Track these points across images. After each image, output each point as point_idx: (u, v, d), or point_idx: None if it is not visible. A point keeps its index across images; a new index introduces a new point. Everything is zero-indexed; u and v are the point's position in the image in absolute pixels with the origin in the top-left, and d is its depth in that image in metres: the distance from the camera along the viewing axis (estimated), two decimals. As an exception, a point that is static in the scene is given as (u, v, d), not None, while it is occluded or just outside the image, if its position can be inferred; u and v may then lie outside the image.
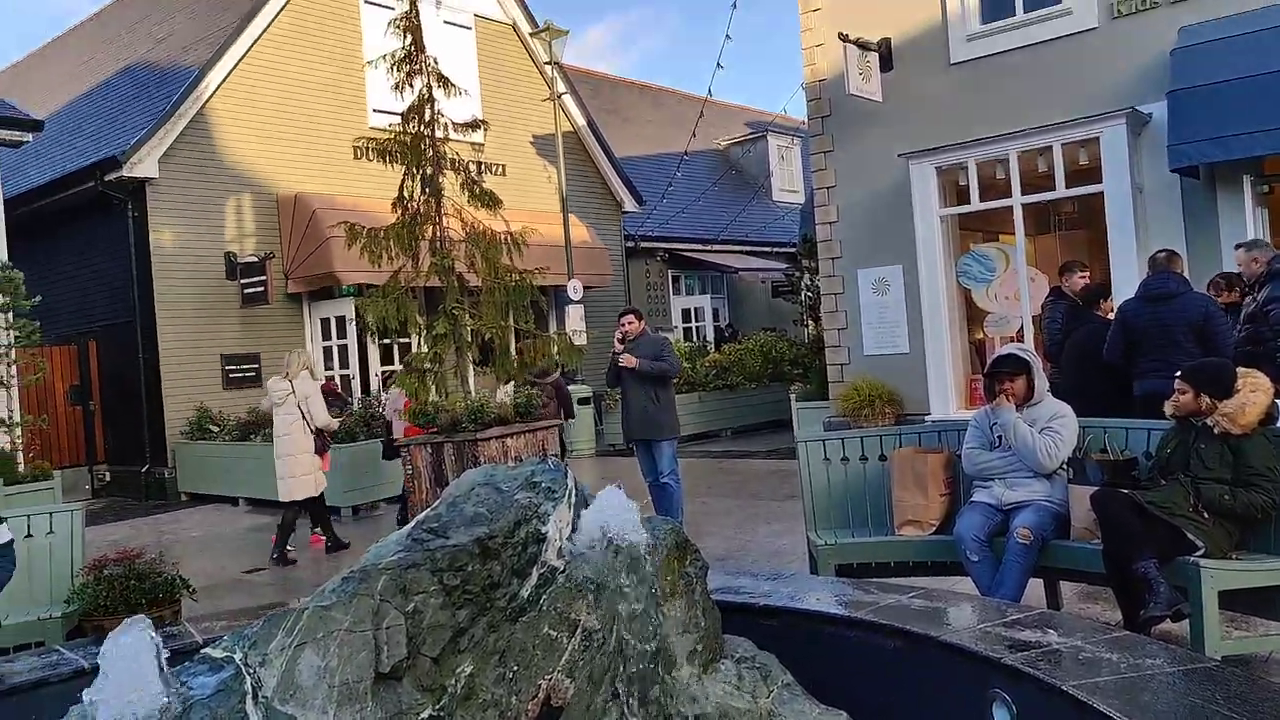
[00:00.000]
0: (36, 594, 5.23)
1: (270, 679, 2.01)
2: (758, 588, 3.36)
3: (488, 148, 13.51)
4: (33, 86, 19.38)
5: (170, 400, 12.94)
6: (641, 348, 7.80)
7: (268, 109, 14.02)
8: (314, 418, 8.57)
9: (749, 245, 21.50)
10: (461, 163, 8.69)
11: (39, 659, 2.97)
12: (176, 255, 13.10)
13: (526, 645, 2.37)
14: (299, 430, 8.53)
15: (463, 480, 2.70)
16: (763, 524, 8.27)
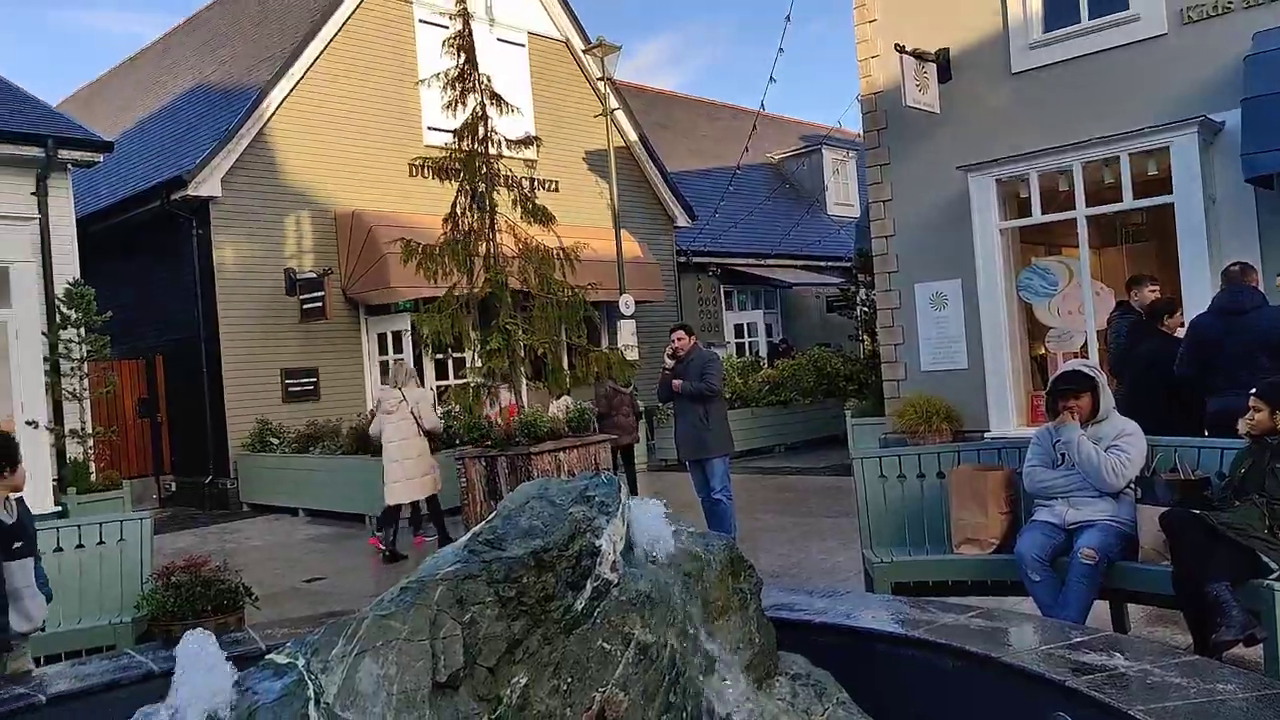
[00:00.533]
0: (108, 599, 5.38)
1: (331, 685, 2.04)
2: (812, 605, 3.33)
3: (540, 163, 13.63)
4: (104, 108, 20.07)
5: (232, 413, 13.24)
6: (691, 364, 7.80)
7: (326, 128, 14.34)
8: (425, 421, 8.96)
9: (803, 260, 21.37)
10: (514, 179, 8.81)
11: (111, 662, 3.06)
12: (238, 272, 13.43)
13: (580, 658, 2.38)
14: (414, 434, 8.90)
15: (518, 493, 2.72)
16: (816, 541, 8.18)
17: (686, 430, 7.81)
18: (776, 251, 20.47)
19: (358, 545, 9.95)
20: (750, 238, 20.51)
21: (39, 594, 3.93)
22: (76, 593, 5.32)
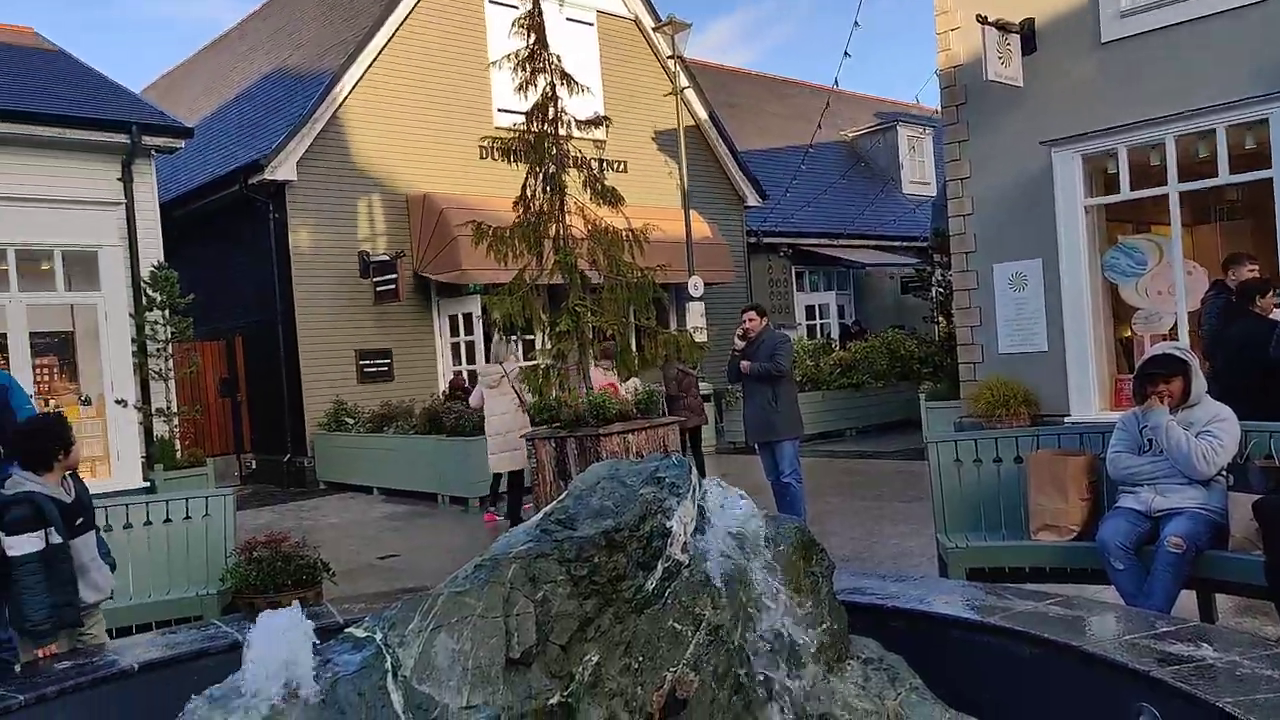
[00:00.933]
0: (194, 572, 5.57)
1: (408, 659, 2.09)
2: (885, 589, 3.29)
3: (609, 144, 13.62)
4: (184, 94, 20.65)
5: (309, 393, 13.58)
6: (761, 346, 7.74)
7: (397, 111, 14.54)
8: (525, 396, 9.23)
9: (877, 239, 21.01)
10: (584, 160, 8.80)
11: (199, 632, 3.17)
12: (313, 255, 13.73)
13: (651, 637, 2.38)
14: (514, 408, 9.30)
15: (589, 474, 2.73)
16: (888, 525, 8.08)
17: (755, 412, 7.75)
18: (849, 231, 20.17)
19: (430, 522, 10.15)
20: (822, 217, 20.22)
21: (104, 564, 4.04)
22: (165, 565, 5.52)
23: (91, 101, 11.28)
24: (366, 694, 2.03)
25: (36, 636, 3.62)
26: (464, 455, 10.70)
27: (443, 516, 10.59)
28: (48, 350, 10.99)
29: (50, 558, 3.67)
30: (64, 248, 10.37)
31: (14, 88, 10.93)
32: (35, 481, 3.75)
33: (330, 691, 2.03)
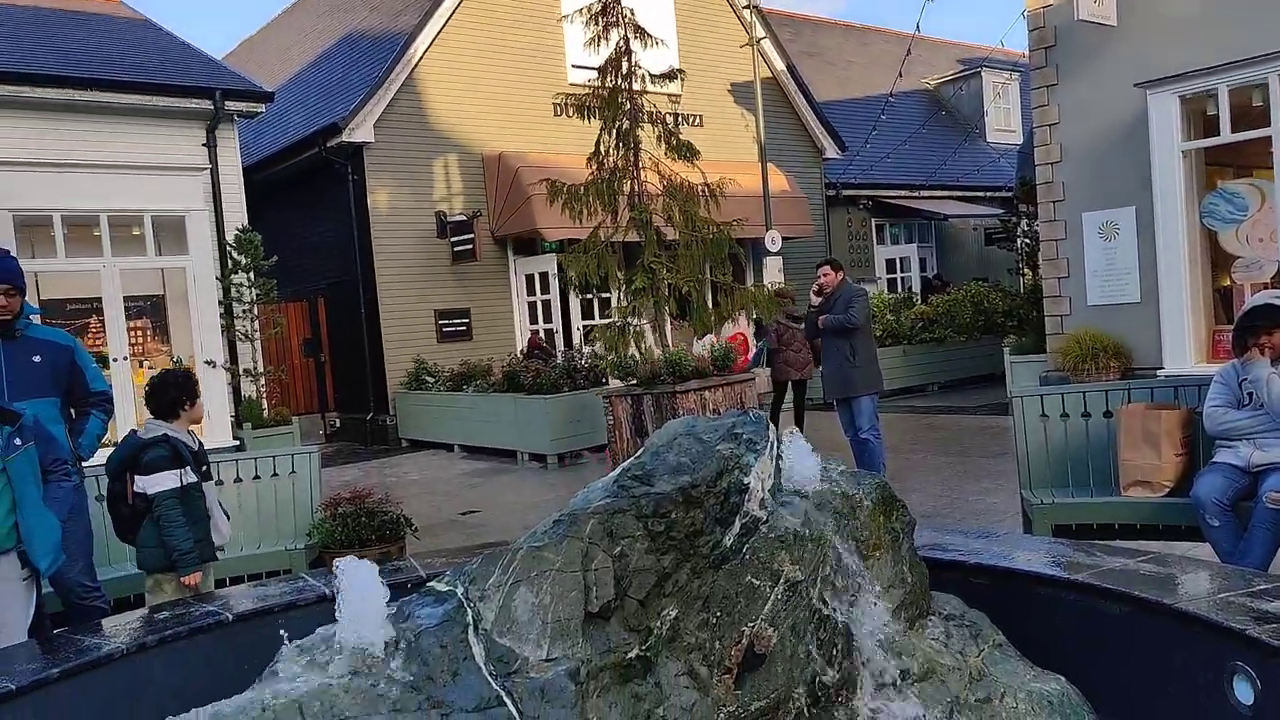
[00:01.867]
0: (283, 527, 5.77)
1: (489, 613, 2.12)
2: (967, 545, 3.22)
3: (684, 97, 13.45)
4: (264, 60, 21.01)
5: (390, 353, 13.86)
6: (837, 301, 7.62)
7: (471, 70, 14.56)
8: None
9: (960, 190, 20.41)
10: (659, 115, 8.71)
11: (288, 584, 3.28)
12: (392, 216, 13.93)
13: (729, 593, 2.38)
14: None
15: (665, 430, 2.72)
16: (971, 481, 7.92)
17: (833, 368, 7.65)
18: (931, 182, 19.62)
19: (510, 479, 10.32)
20: (903, 168, 19.71)
21: (222, 513, 4.32)
22: (255, 520, 5.73)
23: (176, 69, 11.55)
24: (449, 646, 2.07)
25: (185, 564, 3.98)
26: (542, 413, 10.82)
27: (522, 473, 10.76)
28: (140, 313, 11.42)
29: (186, 495, 4.03)
30: (153, 213, 10.70)
31: (102, 57, 11.26)
32: (167, 427, 4.10)
33: (414, 644, 2.07)
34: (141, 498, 4.00)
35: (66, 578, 4.32)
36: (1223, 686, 2.28)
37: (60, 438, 4.33)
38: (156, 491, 3.97)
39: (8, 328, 4.33)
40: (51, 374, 4.46)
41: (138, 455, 4.02)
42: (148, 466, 3.99)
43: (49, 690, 2.49)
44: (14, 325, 4.36)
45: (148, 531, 4.04)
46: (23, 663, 2.63)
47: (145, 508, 4.01)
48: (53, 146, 10.12)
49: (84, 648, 2.70)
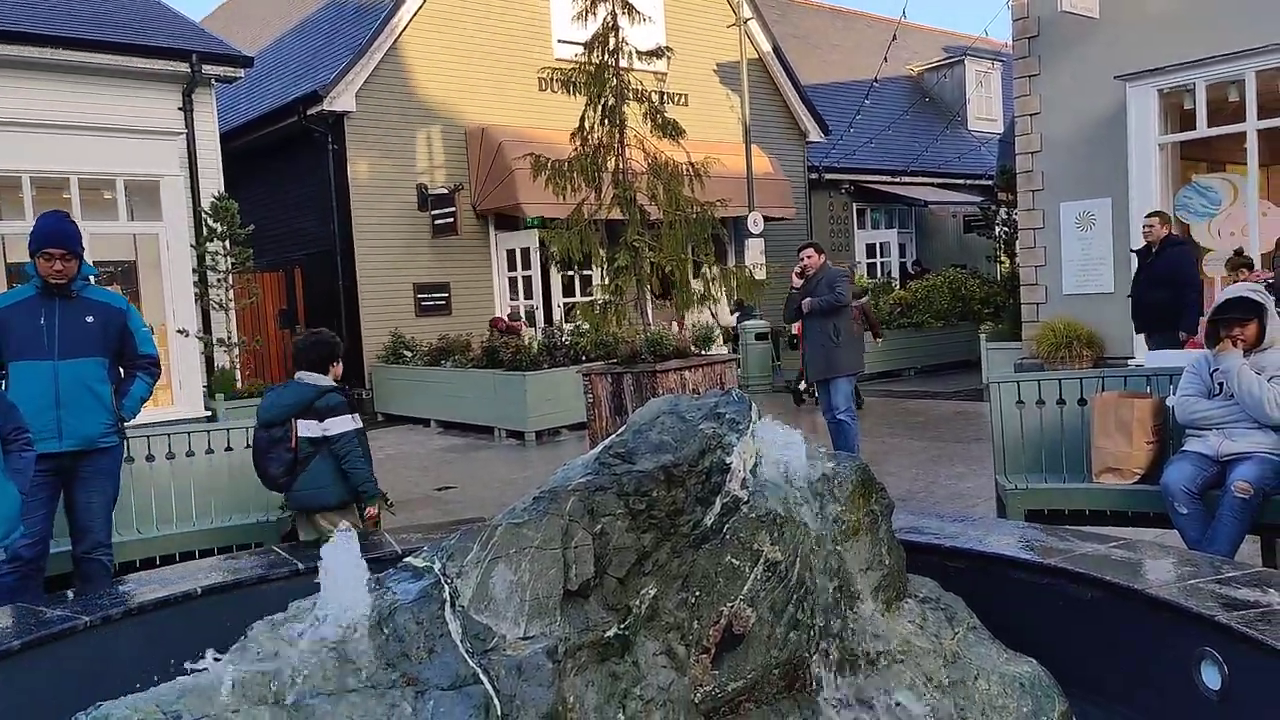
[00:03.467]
0: (254, 499, 5.70)
1: (466, 589, 2.10)
2: (943, 529, 3.25)
3: (670, 76, 13.36)
4: (244, 25, 20.65)
5: (367, 325, 13.75)
6: (819, 283, 7.62)
7: (456, 42, 14.39)
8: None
9: (940, 177, 20.48)
10: (644, 92, 8.63)
11: (260, 558, 3.25)
12: (372, 187, 13.78)
13: (709, 572, 2.38)
14: None
15: (648, 408, 2.71)
16: (946, 466, 7.99)
17: (816, 349, 7.68)
18: (912, 168, 19.68)
19: (487, 455, 10.29)
20: (885, 154, 19.74)
21: None
22: (227, 492, 5.66)
23: (152, 29, 11.33)
24: (425, 623, 2.05)
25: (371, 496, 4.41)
26: (520, 389, 10.79)
27: (499, 449, 10.74)
28: (111, 280, 11.22)
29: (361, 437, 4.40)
30: (126, 177, 10.51)
31: (75, 14, 11.02)
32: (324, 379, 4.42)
33: (389, 619, 2.05)
34: (309, 441, 4.27)
35: (91, 537, 4.45)
36: (1190, 671, 2.32)
37: (105, 398, 4.46)
38: (340, 432, 4.27)
39: (64, 289, 4.40)
40: (102, 335, 4.53)
41: (312, 402, 4.28)
42: (330, 410, 4.29)
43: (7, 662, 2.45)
44: (69, 287, 4.43)
45: (319, 472, 4.29)
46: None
47: (312, 451, 4.28)
48: (22, 106, 9.90)
49: (45, 620, 2.65)
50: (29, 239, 4.43)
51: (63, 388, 4.32)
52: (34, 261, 4.37)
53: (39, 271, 4.36)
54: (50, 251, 4.35)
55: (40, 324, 4.33)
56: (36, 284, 4.36)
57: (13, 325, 4.26)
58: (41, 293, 4.35)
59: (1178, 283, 7.76)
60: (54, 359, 4.32)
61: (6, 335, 4.24)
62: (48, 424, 4.28)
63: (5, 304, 4.31)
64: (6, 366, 4.28)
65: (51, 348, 4.35)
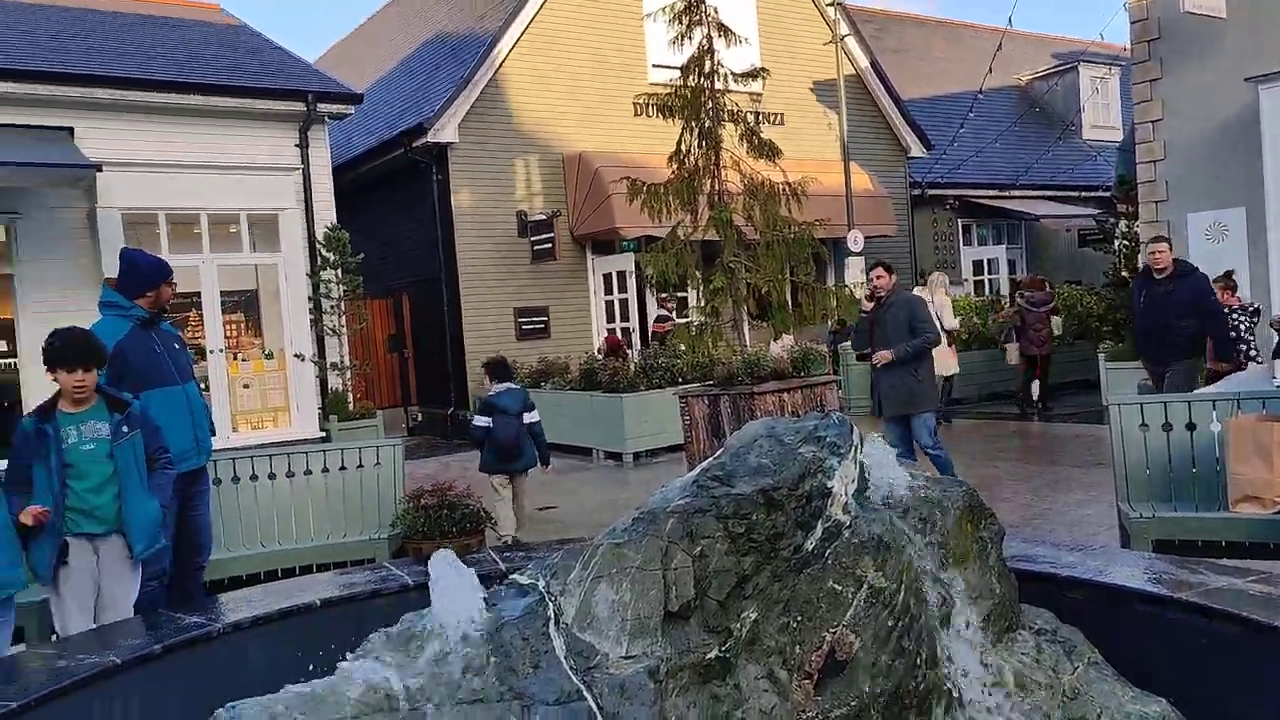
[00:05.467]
0: (367, 517, 5.89)
1: (570, 607, 2.12)
2: (1060, 558, 3.10)
3: (766, 96, 13.33)
4: (355, 61, 21.53)
5: (470, 349, 14.05)
6: (891, 309, 7.26)
7: (554, 71, 14.68)
8: (945, 321, 11.03)
9: (1053, 190, 19.81)
10: (740, 113, 8.64)
11: (372, 573, 3.34)
12: (474, 214, 14.13)
13: (810, 597, 2.33)
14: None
15: (745, 431, 2.69)
16: (1063, 492, 7.67)
17: (896, 382, 7.12)
18: (1022, 181, 19.08)
19: (585, 476, 10.37)
20: (992, 167, 19.22)
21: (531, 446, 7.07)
22: (341, 510, 5.86)
23: (271, 73, 11.93)
24: (530, 639, 2.08)
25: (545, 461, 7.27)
26: (617, 411, 10.85)
27: (598, 470, 10.81)
28: (235, 307, 11.83)
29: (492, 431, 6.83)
30: (248, 211, 11.07)
31: (203, 62, 11.69)
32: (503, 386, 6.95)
33: (496, 635, 2.09)
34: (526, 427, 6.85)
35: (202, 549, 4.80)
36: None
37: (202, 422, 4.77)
38: (537, 420, 6.95)
39: (159, 319, 4.71)
40: (189, 359, 4.93)
41: (528, 399, 7.00)
42: (533, 407, 7.00)
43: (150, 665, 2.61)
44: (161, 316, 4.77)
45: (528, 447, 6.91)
46: (127, 638, 2.76)
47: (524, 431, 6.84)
48: (158, 148, 10.55)
49: (183, 626, 2.81)
50: (146, 273, 4.68)
51: (194, 409, 4.67)
52: (150, 293, 4.62)
53: (160, 299, 4.65)
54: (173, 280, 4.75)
55: (157, 352, 4.58)
56: (138, 315, 4.57)
57: (132, 356, 4.46)
58: (141, 324, 4.57)
59: (1203, 311, 7.25)
60: (179, 384, 4.62)
61: (127, 365, 4.43)
62: (189, 443, 4.60)
63: (119, 336, 4.48)
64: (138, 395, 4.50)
65: (173, 373, 4.62)
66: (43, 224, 10.01)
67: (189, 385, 4.71)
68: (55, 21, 11.73)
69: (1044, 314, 12.11)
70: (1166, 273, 7.31)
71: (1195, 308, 7.24)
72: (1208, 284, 7.49)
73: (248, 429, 11.15)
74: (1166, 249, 7.39)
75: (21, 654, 2.95)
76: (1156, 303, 7.34)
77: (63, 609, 3.82)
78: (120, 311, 4.57)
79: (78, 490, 3.80)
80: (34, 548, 3.76)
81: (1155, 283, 7.38)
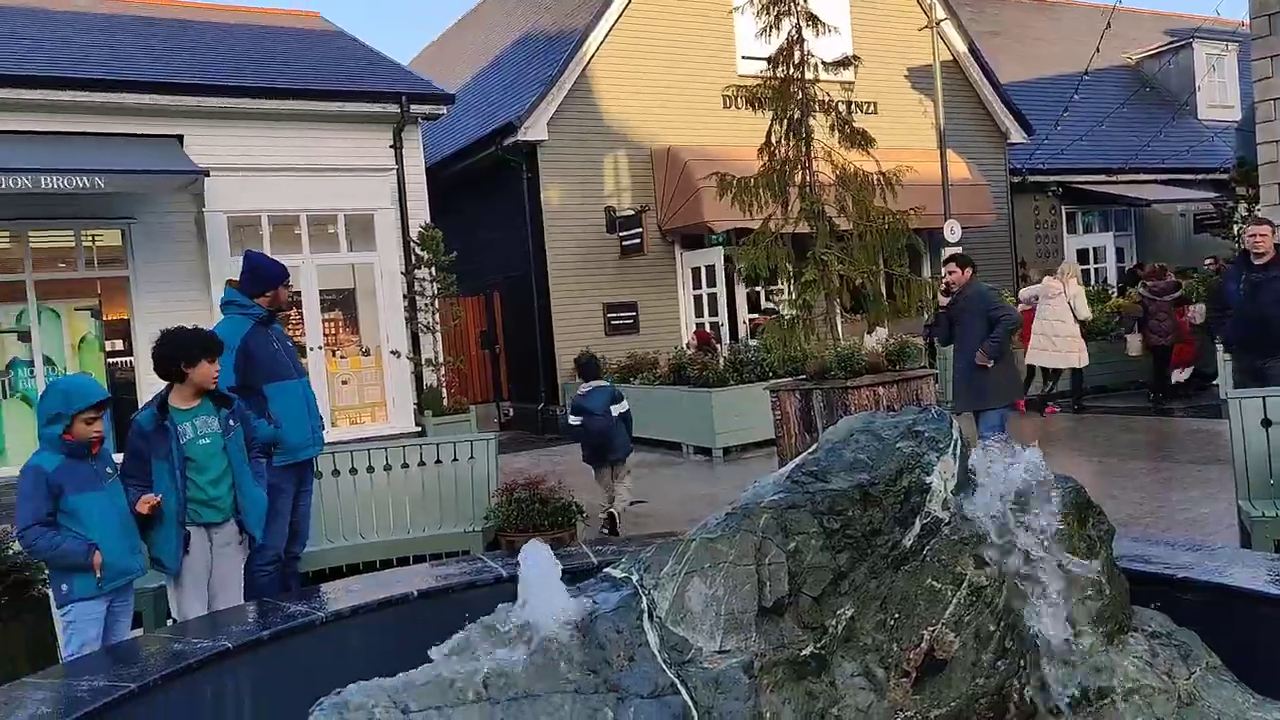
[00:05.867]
0: (461, 510, 6.01)
1: (663, 601, 2.12)
2: (1175, 558, 2.96)
3: (858, 84, 13.07)
4: (448, 61, 21.93)
5: (560, 345, 14.19)
6: (968, 303, 7.01)
7: (642, 66, 14.68)
8: (1078, 312, 11.28)
9: (1165, 173, 18.90)
10: (831, 103, 8.50)
11: (467, 565, 3.40)
12: (563, 211, 14.24)
13: (908, 594, 2.29)
14: (1068, 318, 11.24)
15: (841, 426, 2.65)
16: (1177, 490, 7.33)
17: (968, 375, 6.91)
18: (1131, 165, 18.26)
19: (676, 471, 10.37)
20: (1098, 151, 18.46)
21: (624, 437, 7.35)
22: (436, 503, 5.99)
23: (367, 76, 12.25)
24: (624, 632, 2.09)
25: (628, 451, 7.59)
26: (707, 406, 10.81)
27: (687, 465, 10.79)
28: (334, 306, 12.19)
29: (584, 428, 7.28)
30: (345, 212, 11.40)
31: (303, 69, 12.08)
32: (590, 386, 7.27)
33: (591, 627, 2.10)
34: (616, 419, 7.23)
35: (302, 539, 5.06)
36: None
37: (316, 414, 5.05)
38: (626, 410, 7.31)
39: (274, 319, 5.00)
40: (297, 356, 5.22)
41: (615, 394, 7.31)
42: (621, 398, 7.30)
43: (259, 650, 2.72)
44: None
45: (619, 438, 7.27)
46: (239, 624, 2.90)
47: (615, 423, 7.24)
48: (260, 153, 10.94)
49: (289, 614, 2.91)
50: (267, 275, 4.95)
51: (309, 402, 4.96)
52: (269, 293, 4.89)
53: (277, 300, 4.94)
54: (289, 283, 5.04)
55: (275, 348, 4.84)
56: (258, 314, 4.83)
57: (256, 351, 4.73)
58: (260, 322, 4.83)
59: None
60: (296, 377, 4.92)
61: (253, 361, 4.70)
62: (307, 433, 4.87)
63: (243, 334, 4.74)
64: (259, 390, 4.73)
65: (291, 368, 4.92)
66: (155, 228, 10.50)
67: (304, 379, 5.00)
68: (165, 34, 12.27)
69: (1167, 303, 11.85)
70: (1267, 258, 6.79)
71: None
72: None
73: (346, 424, 11.49)
74: (1269, 232, 6.91)
75: (140, 638, 3.09)
76: (1257, 290, 6.79)
77: (181, 595, 4.02)
78: (242, 310, 4.82)
79: (199, 482, 4.00)
80: (160, 538, 3.95)
81: (1254, 269, 6.85)
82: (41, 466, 3.62)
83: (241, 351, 4.61)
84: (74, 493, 3.62)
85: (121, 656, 2.77)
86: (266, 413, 4.67)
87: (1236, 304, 6.93)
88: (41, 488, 3.59)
